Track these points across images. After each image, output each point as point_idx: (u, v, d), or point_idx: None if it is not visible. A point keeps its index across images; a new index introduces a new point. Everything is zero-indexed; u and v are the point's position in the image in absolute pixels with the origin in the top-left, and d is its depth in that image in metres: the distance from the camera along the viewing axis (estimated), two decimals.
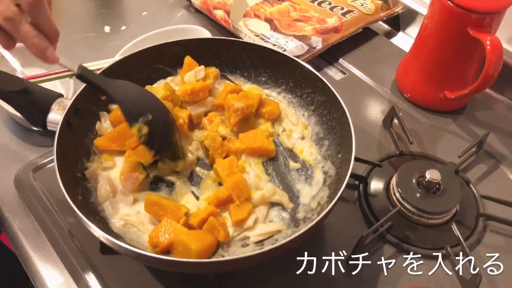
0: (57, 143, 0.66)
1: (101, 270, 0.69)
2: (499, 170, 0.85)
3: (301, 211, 0.71)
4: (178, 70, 0.85)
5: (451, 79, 0.90)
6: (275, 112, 0.81)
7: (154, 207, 0.67)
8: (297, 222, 0.70)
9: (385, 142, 0.88)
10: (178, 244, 0.63)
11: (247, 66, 0.87)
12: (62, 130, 0.68)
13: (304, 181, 0.75)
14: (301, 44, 1.00)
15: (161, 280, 0.68)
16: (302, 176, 0.76)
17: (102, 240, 0.60)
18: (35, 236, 0.73)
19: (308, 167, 0.77)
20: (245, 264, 0.62)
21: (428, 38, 0.90)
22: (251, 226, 0.68)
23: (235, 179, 0.69)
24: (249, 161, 0.76)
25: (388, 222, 0.74)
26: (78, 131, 0.73)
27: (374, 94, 0.98)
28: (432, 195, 0.75)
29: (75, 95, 0.72)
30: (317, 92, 0.80)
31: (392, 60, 1.04)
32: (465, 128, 0.92)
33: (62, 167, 0.65)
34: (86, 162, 0.73)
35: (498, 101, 1.00)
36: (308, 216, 0.70)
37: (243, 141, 0.77)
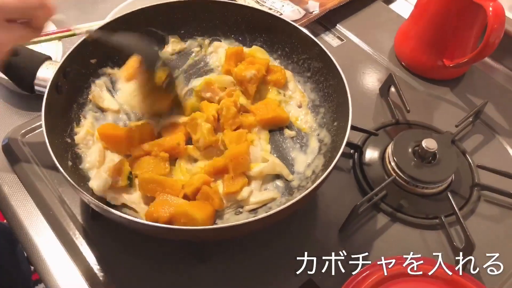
0: (45, 107, 0.64)
1: (92, 236, 0.68)
2: (495, 140, 0.84)
3: (296, 179, 0.71)
4: (170, 36, 0.83)
5: (451, 47, 0.88)
6: (281, 81, 0.79)
7: (150, 185, 0.65)
8: (291, 190, 0.69)
9: (382, 111, 0.87)
10: (180, 216, 0.62)
11: (242, 30, 0.84)
12: (50, 93, 0.66)
13: (299, 149, 0.74)
14: (298, 8, 0.97)
15: (151, 245, 0.67)
16: (297, 144, 0.75)
17: (94, 207, 0.59)
18: (24, 202, 0.72)
19: (303, 135, 0.76)
20: (239, 231, 0.61)
21: (428, 4, 0.87)
22: (245, 198, 0.67)
23: (236, 151, 0.68)
24: (259, 135, 0.74)
25: (382, 191, 0.73)
26: (67, 94, 0.71)
27: (371, 62, 0.96)
28: (428, 165, 0.74)
29: (64, 57, 0.70)
30: (313, 58, 0.78)
31: (390, 27, 1.01)
32: (462, 97, 0.91)
33: (51, 132, 0.63)
34: (76, 127, 0.71)
35: (496, 70, 0.98)
36: (303, 184, 0.70)
37: (257, 113, 0.74)
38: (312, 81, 0.79)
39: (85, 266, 0.66)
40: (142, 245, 0.67)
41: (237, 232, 0.62)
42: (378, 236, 0.71)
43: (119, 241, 0.68)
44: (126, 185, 0.66)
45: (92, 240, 0.68)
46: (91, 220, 0.69)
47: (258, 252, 0.68)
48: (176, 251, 0.68)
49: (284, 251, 0.68)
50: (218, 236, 0.63)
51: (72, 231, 0.69)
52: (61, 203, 0.71)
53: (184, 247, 0.68)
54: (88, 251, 0.67)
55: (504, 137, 0.84)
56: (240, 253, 0.68)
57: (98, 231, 0.69)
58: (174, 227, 0.60)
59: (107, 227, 0.68)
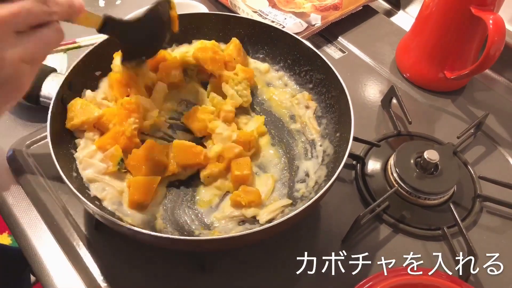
0: (51, 119, 0.64)
1: (96, 246, 0.69)
2: (497, 152, 0.84)
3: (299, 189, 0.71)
4: (174, 45, 0.84)
5: (452, 59, 0.89)
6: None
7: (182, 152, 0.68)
8: (295, 201, 0.69)
9: (384, 122, 0.88)
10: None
11: (244, 42, 0.85)
12: (55, 105, 0.66)
13: (303, 159, 0.75)
14: (300, 21, 0.98)
15: (154, 256, 0.68)
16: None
17: (98, 218, 0.60)
18: (28, 212, 0.72)
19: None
20: (242, 242, 0.62)
21: (429, 17, 0.88)
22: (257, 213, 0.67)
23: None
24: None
25: (385, 202, 0.73)
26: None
27: (373, 74, 0.97)
28: (430, 176, 0.74)
29: (69, 70, 0.70)
30: (315, 69, 0.79)
31: (392, 39, 1.02)
32: (464, 109, 0.91)
33: (56, 144, 0.63)
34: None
35: (497, 82, 0.99)
36: (306, 194, 0.70)
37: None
38: (314, 92, 0.80)
39: (89, 277, 0.66)
40: (145, 255, 0.68)
41: (240, 243, 0.63)
42: (380, 247, 0.71)
43: (122, 251, 0.68)
44: (115, 170, 0.67)
45: (95, 250, 0.68)
46: (95, 231, 0.70)
47: (259, 264, 0.68)
48: (179, 262, 0.68)
49: (286, 263, 0.68)
50: (221, 246, 0.63)
51: (75, 241, 0.69)
52: (65, 213, 0.72)
53: (187, 258, 0.68)
54: (92, 261, 0.67)
55: (506, 148, 0.85)
56: (242, 264, 0.68)
57: (101, 241, 0.69)
58: (180, 237, 0.60)
59: (111, 238, 0.69)
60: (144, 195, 0.65)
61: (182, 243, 0.59)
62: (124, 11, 0.95)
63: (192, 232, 0.66)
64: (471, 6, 0.80)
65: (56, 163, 0.60)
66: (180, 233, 0.65)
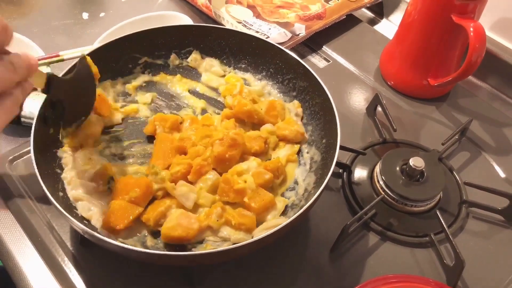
0: (34, 139, 0.63)
1: (81, 262, 0.68)
2: (482, 157, 0.85)
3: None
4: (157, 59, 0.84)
5: (435, 66, 0.90)
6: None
7: None
8: (285, 209, 0.69)
9: (369, 130, 0.88)
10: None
11: (226, 53, 0.85)
12: (37, 125, 0.65)
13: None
14: (284, 31, 0.98)
15: (143, 272, 0.67)
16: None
17: (87, 237, 0.59)
18: (12, 228, 0.70)
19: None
20: (233, 255, 0.62)
21: (411, 25, 0.89)
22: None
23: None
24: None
25: (372, 210, 0.74)
26: (54, 125, 0.70)
27: (357, 82, 0.97)
28: (416, 183, 0.75)
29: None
30: (298, 77, 0.79)
31: (375, 47, 1.03)
32: (448, 115, 0.92)
33: (40, 163, 0.63)
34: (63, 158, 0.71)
35: (480, 89, 1.00)
36: (296, 202, 0.70)
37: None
38: (298, 100, 0.80)
39: None
40: (132, 271, 0.67)
41: (232, 256, 0.62)
42: (369, 255, 0.71)
43: (108, 267, 0.67)
44: (105, 190, 0.67)
45: (81, 266, 0.67)
46: (81, 246, 0.68)
47: (248, 276, 0.68)
48: (167, 276, 0.67)
49: (276, 273, 0.68)
50: (212, 260, 0.63)
51: (61, 257, 0.68)
52: (50, 229, 0.71)
53: (175, 272, 0.67)
54: (78, 277, 0.66)
55: (490, 154, 0.86)
56: (231, 276, 0.68)
57: (87, 257, 0.68)
58: (167, 253, 0.60)
59: (97, 253, 0.68)
60: (121, 220, 0.64)
61: (174, 258, 0.59)
62: (108, 24, 0.96)
63: (184, 246, 0.65)
64: (452, 14, 0.81)
65: (43, 185, 0.59)
66: (171, 249, 0.65)
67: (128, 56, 0.82)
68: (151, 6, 1.11)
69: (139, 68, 0.84)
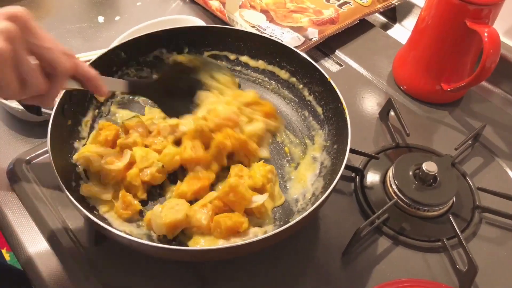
0: (51, 129, 0.65)
1: (97, 262, 0.68)
2: (495, 163, 0.85)
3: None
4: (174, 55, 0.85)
5: (448, 72, 0.90)
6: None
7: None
8: (292, 212, 0.70)
9: (382, 134, 0.88)
10: None
11: (244, 55, 0.86)
12: (56, 116, 0.67)
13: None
14: (297, 35, 0.99)
15: (157, 270, 0.67)
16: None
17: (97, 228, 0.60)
18: (28, 228, 0.72)
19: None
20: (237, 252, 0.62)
21: (425, 30, 0.89)
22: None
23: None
24: None
25: (384, 214, 0.74)
26: (71, 116, 0.73)
27: (370, 86, 0.97)
28: (429, 187, 0.75)
29: None
30: (313, 82, 0.80)
31: (388, 52, 1.03)
32: (461, 120, 0.92)
33: (56, 154, 0.64)
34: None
35: (494, 94, 1.00)
36: (303, 206, 0.70)
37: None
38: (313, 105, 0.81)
39: None
40: (146, 270, 0.67)
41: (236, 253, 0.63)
42: (381, 260, 0.71)
43: (122, 265, 0.68)
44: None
45: (95, 266, 0.68)
46: (95, 246, 0.69)
47: (259, 275, 0.68)
48: (181, 275, 0.67)
49: (286, 275, 0.68)
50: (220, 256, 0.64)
51: (75, 257, 0.69)
52: (65, 228, 0.72)
53: (189, 271, 0.68)
54: (92, 277, 0.67)
55: (503, 159, 0.85)
56: (242, 275, 0.68)
57: (101, 256, 0.69)
58: (181, 248, 0.61)
59: (111, 252, 0.69)
60: None
61: (185, 253, 0.59)
62: (123, 28, 0.97)
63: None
64: (466, 19, 0.81)
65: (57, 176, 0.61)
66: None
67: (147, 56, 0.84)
68: (164, 10, 1.12)
69: None
